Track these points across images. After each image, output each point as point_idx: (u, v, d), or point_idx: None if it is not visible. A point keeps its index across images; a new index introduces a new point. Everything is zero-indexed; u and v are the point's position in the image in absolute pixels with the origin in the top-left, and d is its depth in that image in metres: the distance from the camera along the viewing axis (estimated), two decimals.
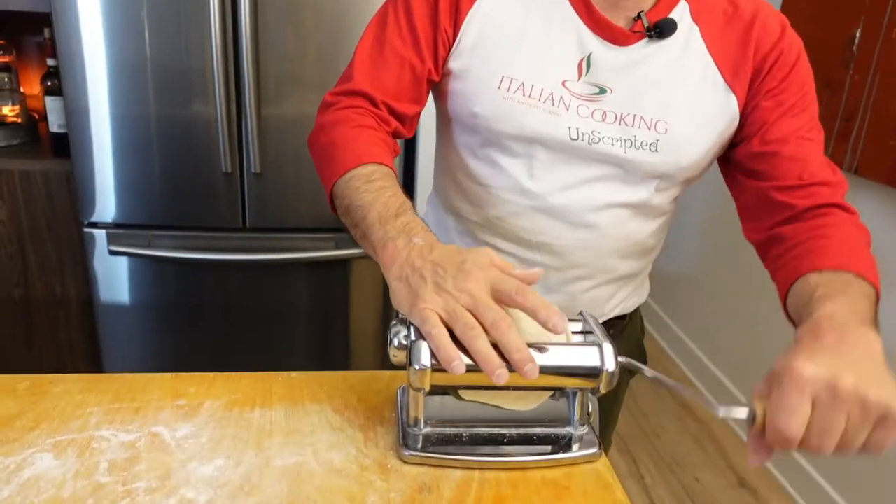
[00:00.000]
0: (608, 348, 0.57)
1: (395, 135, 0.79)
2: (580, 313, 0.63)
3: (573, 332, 0.61)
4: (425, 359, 0.55)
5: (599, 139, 0.76)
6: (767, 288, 0.76)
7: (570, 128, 0.76)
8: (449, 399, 0.62)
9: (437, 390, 0.59)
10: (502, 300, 0.55)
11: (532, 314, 0.54)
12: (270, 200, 1.63)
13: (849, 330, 0.54)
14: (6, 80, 1.87)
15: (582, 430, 0.64)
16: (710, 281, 2.36)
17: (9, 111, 1.90)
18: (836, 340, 0.52)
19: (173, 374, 0.71)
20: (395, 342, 0.58)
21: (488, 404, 0.62)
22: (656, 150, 0.76)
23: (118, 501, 0.53)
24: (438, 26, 0.76)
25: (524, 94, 0.75)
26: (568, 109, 0.76)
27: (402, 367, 0.57)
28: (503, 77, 0.75)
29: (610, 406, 0.99)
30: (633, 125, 0.76)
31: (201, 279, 1.70)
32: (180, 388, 0.69)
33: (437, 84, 0.81)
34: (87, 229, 1.68)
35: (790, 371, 0.49)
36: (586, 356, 0.57)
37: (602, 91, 0.76)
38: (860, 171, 1.59)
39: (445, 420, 0.63)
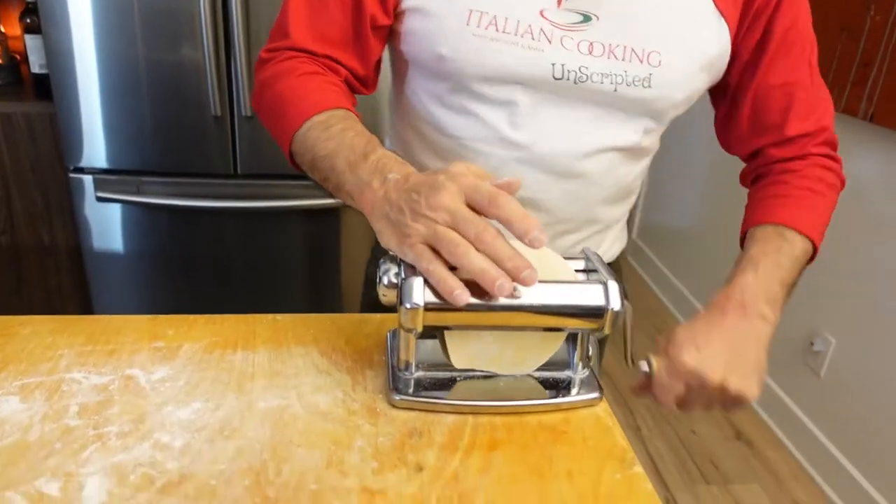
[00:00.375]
0: (613, 286, 0.53)
1: (350, 89, 0.72)
2: (583, 250, 0.59)
3: (576, 270, 0.57)
4: (417, 297, 0.51)
5: (587, 77, 0.67)
6: None
7: (554, 65, 0.67)
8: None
9: (429, 332, 0.55)
10: (477, 211, 0.50)
11: (507, 225, 0.48)
12: (262, 145, 1.58)
13: (748, 313, 0.64)
14: None
15: (582, 374, 0.61)
16: (708, 233, 2.32)
17: None
18: (731, 324, 0.64)
19: (151, 315, 0.67)
20: (385, 280, 0.54)
21: (483, 372, 0.59)
22: (649, 86, 0.68)
23: (88, 445, 0.50)
24: None
25: (497, 30, 0.66)
26: (551, 42, 0.67)
27: (392, 308, 0.53)
28: (471, 11, 0.66)
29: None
30: (623, 58, 0.68)
31: (192, 226, 1.66)
32: (158, 330, 0.65)
33: (391, 25, 0.72)
34: (73, 175, 1.63)
35: (677, 360, 0.60)
36: (590, 294, 0.53)
37: (586, 18, 0.67)
38: (876, 119, 1.53)
39: (438, 364, 0.60)
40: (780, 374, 1.92)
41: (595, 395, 0.59)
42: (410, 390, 0.57)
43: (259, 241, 1.69)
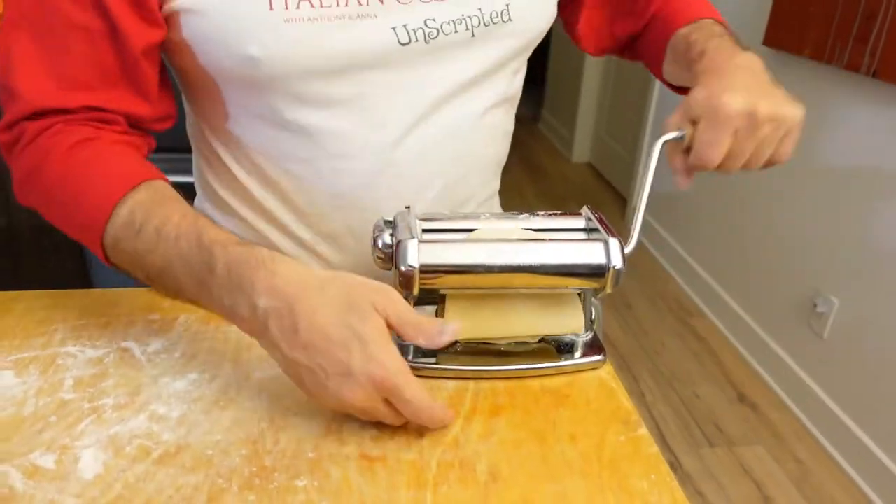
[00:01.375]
0: (614, 243, 0.51)
1: (139, 135, 0.58)
2: (585, 208, 0.57)
3: (576, 230, 0.56)
4: (412, 259, 0.49)
5: (437, 30, 0.56)
6: (754, 203, 0.72)
7: (395, 28, 0.54)
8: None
9: (427, 298, 0.54)
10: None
11: (411, 418, 0.47)
12: None
13: (740, 59, 0.58)
14: None
15: (585, 337, 0.60)
16: (718, 206, 2.30)
17: None
18: (736, 70, 0.56)
19: (146, 288, 0.66)
20: (380, 243, 0.53)
21: (490, 342, 0.57)
22: (510, 19, 0.59)
23: (84, 418, 0.49)
24: None
25: (313, 6, 0.52)
26: (383, 2, 0.54)
27: (388, 269, 0.52)
28: None
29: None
30: None
31: (187, 200, 1.64)
32: (154, 302, 0.64)
33: (164, 39, 0.54)
34: None
35: (719, 108, 0.53)
36: (590, 252, 0.51)
37: None
38: (879, 75, 1.50)
39: None
40: (782, 335, 1.92)
41: (598, 357, 0.58)
42: (410, 356, 0.56)
43: None
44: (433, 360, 0.56)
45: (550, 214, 0.57)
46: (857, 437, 1.62)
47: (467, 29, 0.57)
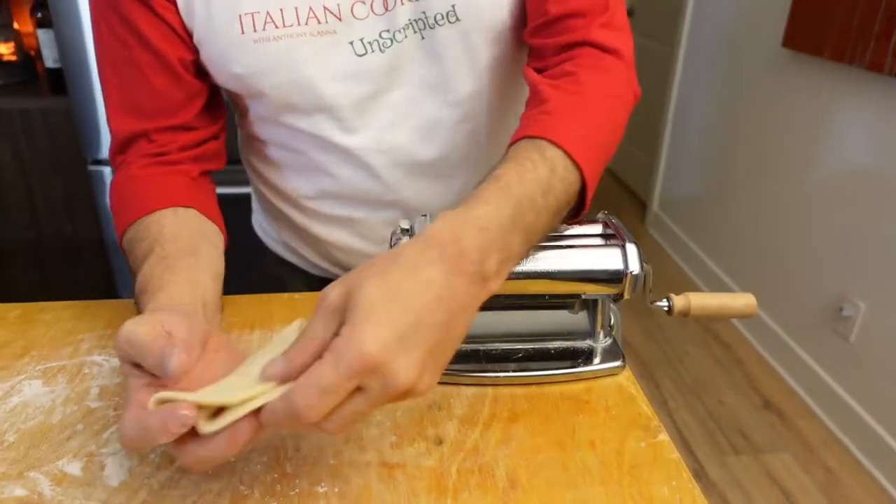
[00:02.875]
0: (632, 249, 0.51)
1: (198, 144, 0.65)
2: (601, 214, 0.57)
3: (593, 235, 0.56)
4: None
5: (391, 41, 0.60)
6: (778, 207, 0.70)
7: (352, 43, 0.59)
8: None
9: None
10: None
11: None
12: None
13: (465, 267, 0.40)
14: None
15: (604, 343, 0.59)
16: (728, 200, 2.27)
17: (3, 48, 1.84)
18: (438, 283, 0.38)
19: None
20: None
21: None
22: (457, 19, 0.59)
23: (109, 426, 0.50)
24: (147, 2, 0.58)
25: (277, 26, 0.58)
26: (341, 19, 0.58)
27: None
28: (241, 16, 0.57)
29: None
30: None
31: None
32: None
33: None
34: (92, 167, 1.65)
35: (353, 345, 0.35)
36: (608, 258, 0.51)
37: None
38: None
39: None
40: (808, 340, 1.88)
41: (617, 363, 0.58)
42: None
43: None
44: (453, 366, 0.56)
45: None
46: (887, 444, 1.58)
47: (416, 32, 0.60)
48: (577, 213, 0.53)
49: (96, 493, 0.44)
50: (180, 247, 0.54)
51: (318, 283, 0.81)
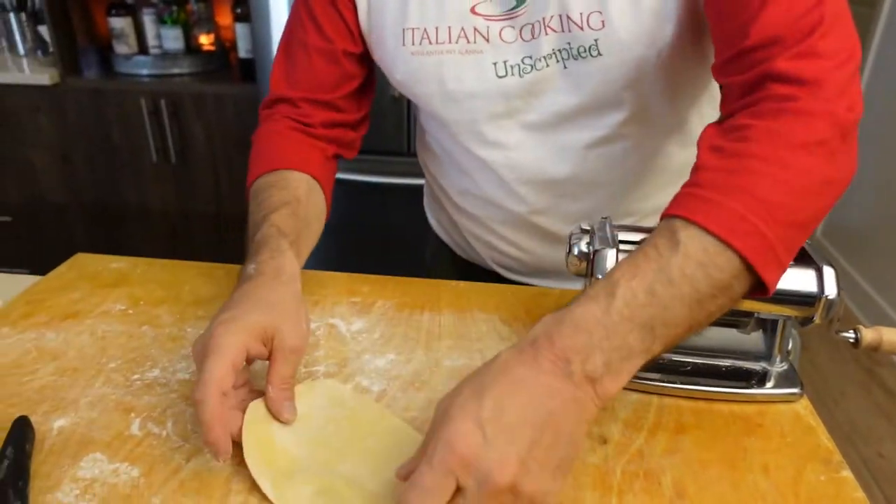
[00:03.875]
0: (829, 272, 0.49)
1: (338, 125, 0.72)
2: None
3: None
4: (610, 268, 0.50)
5: (531, 66, 0.62)
6: None
7: (496, 64, 0.63)
8: None
9: None
10: None
11: None
12: None
13: (572, 375, 0.40)
14: (203, 9, 2.03)
15: (780, 367, 0.57)
16: (888, 229, 2.03)
17: (206, 39, 2.07)
18: (537, 389, 0.39)
19: (348, 273, 0.73)
20: (576, 250, 0.54)
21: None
22: (599, 53, 0.59)
23: (301, 380, 0.55)
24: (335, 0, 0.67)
25: (431, 42, 0.64)
26: (489, 40, 0.62)
27: (582, 276, 0.54)
28: (404, 30, 0.64)
29: None
30: (563, 30, 0.59)
31: (365, 201, 1.77)
32: (354, 286, 0.71)
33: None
34: None
35: (440, 438, 0.37)
36: (801, 279, 0.49)
37: (520, 2, 0.61)
38: None
39: None
40: None
41: (795, 390, 0.55)
42: None
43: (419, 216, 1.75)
44: None
45: None
46: None
47: (558, 62, 0.61)
48: (759, 293, 0.45)
49: None
50: (307, 213, 0.64)
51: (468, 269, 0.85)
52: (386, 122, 1.66)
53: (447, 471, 0.36)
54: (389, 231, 1.80)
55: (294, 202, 0.62)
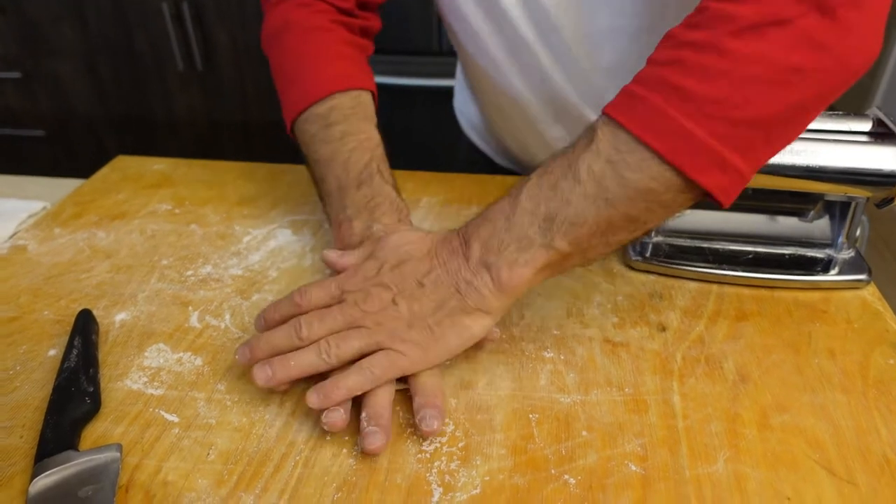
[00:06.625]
0: None
1: (368, 7, 0.62)
2: (874, 108, 0.51)
3: (860, 132, 0.50)
4: None
5: None
6: None
7: None
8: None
9: None
10: None
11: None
12: None
13: (469, 261, 0.43)
14: None
15: (846, 254, 0.54)
16: None
17: None
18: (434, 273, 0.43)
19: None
20: None
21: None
22: None
23: None
24: None
25: None
26: None
27: None
28: None
29: None
30: None
31: (389, 105, 1.72)
32: (398, 183, 0.69)
33: None
34: None
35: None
36: (881, 157, 0.46)
37: None
38: None
39: (681, 231, 0.57)
40: None
41: (862, 276, 0.53)
42: (649, 254, 0.56)
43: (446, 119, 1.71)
44: (674, 259, 0.55)
45: (830, 115, 0.51)
46: None
47: None
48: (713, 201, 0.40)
49: None
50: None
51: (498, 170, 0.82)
52: (413, 18, 1.59)
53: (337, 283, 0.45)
54: (418, 135, 1.76)
55: (376, 135, 0.57)
